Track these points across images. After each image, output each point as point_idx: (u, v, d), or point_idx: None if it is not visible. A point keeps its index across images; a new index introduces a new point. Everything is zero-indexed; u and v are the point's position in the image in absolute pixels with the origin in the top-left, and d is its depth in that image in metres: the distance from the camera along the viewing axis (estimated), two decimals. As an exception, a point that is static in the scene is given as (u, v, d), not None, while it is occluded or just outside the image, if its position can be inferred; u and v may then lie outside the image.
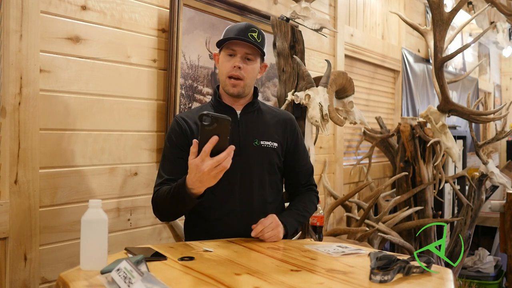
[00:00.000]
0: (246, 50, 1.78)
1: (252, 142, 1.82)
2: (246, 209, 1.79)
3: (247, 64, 1.80)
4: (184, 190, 1.54)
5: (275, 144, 1.86)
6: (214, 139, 1.41)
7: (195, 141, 1.45)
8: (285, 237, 1.78)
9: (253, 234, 1.71)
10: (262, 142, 1.84)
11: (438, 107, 3.51)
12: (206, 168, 1.44)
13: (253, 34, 1.77)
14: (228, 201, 1.78)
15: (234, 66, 1.77)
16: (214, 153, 1.44)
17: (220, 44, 1.81)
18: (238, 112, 1.85)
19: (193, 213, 1.79)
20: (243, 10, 2.71)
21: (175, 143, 1.79)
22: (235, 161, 1.78)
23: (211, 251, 1.53)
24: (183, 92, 2.38)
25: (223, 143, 1.43)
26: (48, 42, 1.86)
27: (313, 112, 2.25)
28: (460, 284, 4.03)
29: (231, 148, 1.46)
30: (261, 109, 1.91)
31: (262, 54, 1.84)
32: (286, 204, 1.97)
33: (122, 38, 2.13)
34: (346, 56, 3.84)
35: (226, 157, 1.45)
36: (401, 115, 4.69)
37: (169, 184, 1.70)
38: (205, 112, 1.40)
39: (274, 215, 1.78)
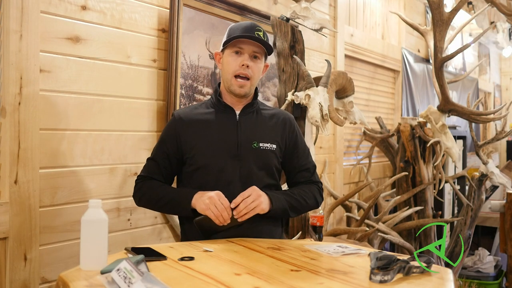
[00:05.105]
0: (254, 48, 1.77)
1: (251, 144, 1.80)
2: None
3: (255, 62, 1.78)
4: (187, 206, 1.72)
5: (274, 146, 1.84)
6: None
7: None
8: (271, 212, 1.72)
9: (232, 205, 1.68)
10: (261, 144, 1.81)
11: (438, 107, 3.51)
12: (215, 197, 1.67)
13: (259, 33, 1.76)
14: None
15: (243, 65, 1.75)
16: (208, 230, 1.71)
17: (227, 43, 1.78)
18: (237, 112, 1.83)
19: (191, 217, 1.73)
20: (243, 10, 2.71)
21: (165, 142, 1.84)
22: (234, 164, 1.78)
23: (211, 251, 1.53)
24: (183, 92, 2.38)
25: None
26: (48, 42, 1.86)
27: (313, 112, 2.25)
28: (460, 284, 4.03)
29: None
30: (260, 110, 1.89)
31: (267, 54, 1.83)
32: None
33: (122, 38, 2.13)
34: (346, 56, 3.84)
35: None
36: (401, 115, 4.69)
37: (155, 179, 1.84)
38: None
39: (255, 186, 1.73)
